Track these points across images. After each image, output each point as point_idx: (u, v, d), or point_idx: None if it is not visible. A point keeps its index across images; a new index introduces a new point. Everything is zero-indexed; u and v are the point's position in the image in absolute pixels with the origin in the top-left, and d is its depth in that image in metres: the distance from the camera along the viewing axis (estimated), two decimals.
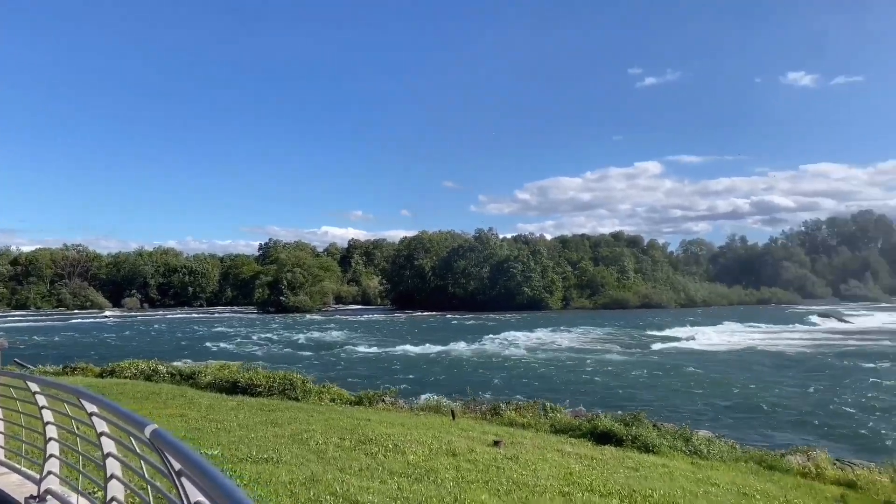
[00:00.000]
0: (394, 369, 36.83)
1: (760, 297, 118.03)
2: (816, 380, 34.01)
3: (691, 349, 48.52)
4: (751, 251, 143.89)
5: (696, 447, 12.53)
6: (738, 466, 11.69)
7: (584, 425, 13.79)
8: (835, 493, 10.20)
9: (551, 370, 37.15)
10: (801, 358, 43.04)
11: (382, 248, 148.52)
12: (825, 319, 76.26)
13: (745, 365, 39.57)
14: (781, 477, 11.12)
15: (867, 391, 29.93)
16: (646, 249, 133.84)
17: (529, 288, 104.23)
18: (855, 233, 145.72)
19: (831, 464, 11.86)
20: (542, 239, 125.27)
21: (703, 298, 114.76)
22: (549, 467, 9.62)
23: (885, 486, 10.37)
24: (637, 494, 8.34)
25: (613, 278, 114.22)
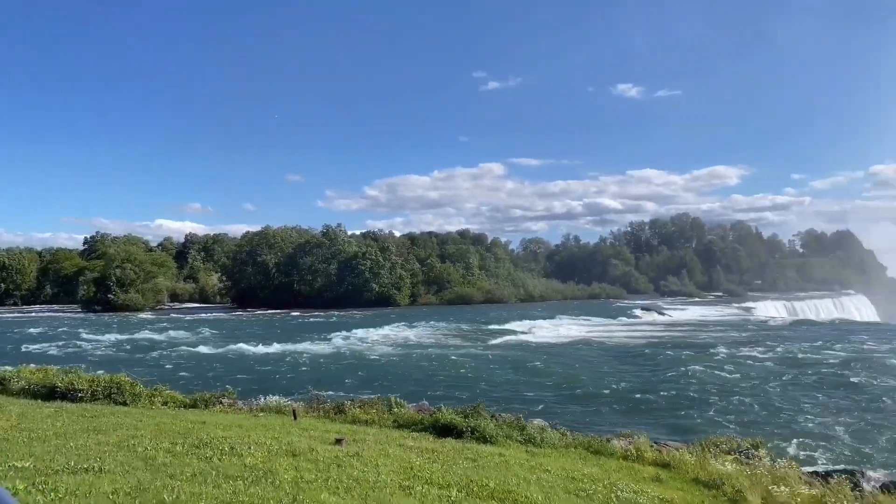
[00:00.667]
0: (233, 370, 35.45)
1: (591, 292, 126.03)
2: (639, 368, 36.92)
3: (529, 342, 50.87)
4: (583, 250, 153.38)
5: (530, 436, 13.12)
6: (569, 452, 12.41)
7: (426, 419, 14.02)
8: (651, 473, 11.11)
9: (398, 366, 37.46)
10: (626, 348, 46.50)
11: (223, 243, 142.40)
12: (647, 313, 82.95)
13: (577, 356, 42.10)
14: (606, 460, 11.94)
15: (682, 377, 32.86)
16: (489, 247, 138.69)
17: (378, 285, 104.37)
18: (673, 233, 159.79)
19: (650, 446, 12.89)
20: (390, 236, 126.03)
21: (540, 294, 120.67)
22: (390, 462, 9.67)
23: (692, 465, 11.44)
24: (474, 484, 8.60)
25: (459, 275, 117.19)
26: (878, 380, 31.42)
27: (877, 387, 29.87)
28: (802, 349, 43.22)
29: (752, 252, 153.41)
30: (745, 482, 10.39)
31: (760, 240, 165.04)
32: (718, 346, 44.84)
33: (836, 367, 35.48)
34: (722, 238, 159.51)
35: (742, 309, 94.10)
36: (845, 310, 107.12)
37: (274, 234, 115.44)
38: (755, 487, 10.30)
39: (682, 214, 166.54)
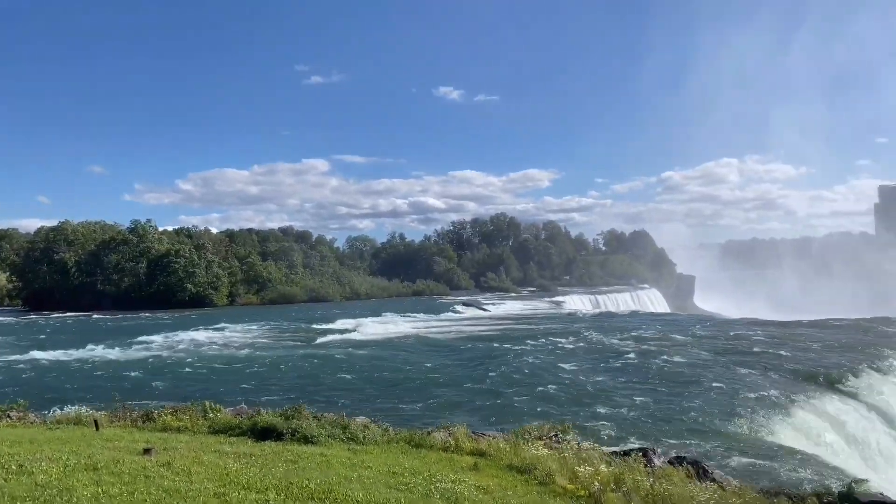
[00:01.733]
0: (24, 380, 31.94)
1: (416, 289, 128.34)
2: (461, 361, 38.19)
3: (355, 340, 50.76)
4: (409, 247, 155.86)
5: (353, 434, 13.08)
6: (391, 448, 12.52)
7: (244, 423, 13.51)
8: (469, 463, 11.52)
9: (215, 369, 35.75)
10: (449, 343, 47.90)
11: (12, 238, 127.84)
12: (468, 308, 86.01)
13: (402, 352, 42.68)
14: (427, 453, 12.20)
15: (500, 368, 34.42)
16: (314, 245, 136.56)
17: (193, 284, 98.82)
18: (492, 232, 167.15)
19: (468, 436, 13.35)
20: (207, 232, 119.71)
21: (366, 291, 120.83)
22: (204, 470, 9.20)
23: (507, 452, 12.01)
24: (294, 486, 8.43)
25: (282, 273, 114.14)
26: (670, 365, 34.96)
27: (669, 371, 33.23)
28: (605, 338, 47.01)
29: (562, 250, 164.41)
30: (554, 465, 11.07)
31: (569, 238, 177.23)
32: (532, 338, 47.50)
33: (634, 354, 38.97)
34: (535, 237, 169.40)
35: (553, 303, 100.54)
36: (641, 302, 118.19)
37: (74, 229, 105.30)
38: (563, 469, 11.01)
39: (500, 214, 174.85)
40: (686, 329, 52.35)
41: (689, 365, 34.76)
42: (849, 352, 37.59)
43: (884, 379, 32.22)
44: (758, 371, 32.68)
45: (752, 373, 32.25)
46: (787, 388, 28.93)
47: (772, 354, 37.51)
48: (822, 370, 32.34)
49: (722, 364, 34.87)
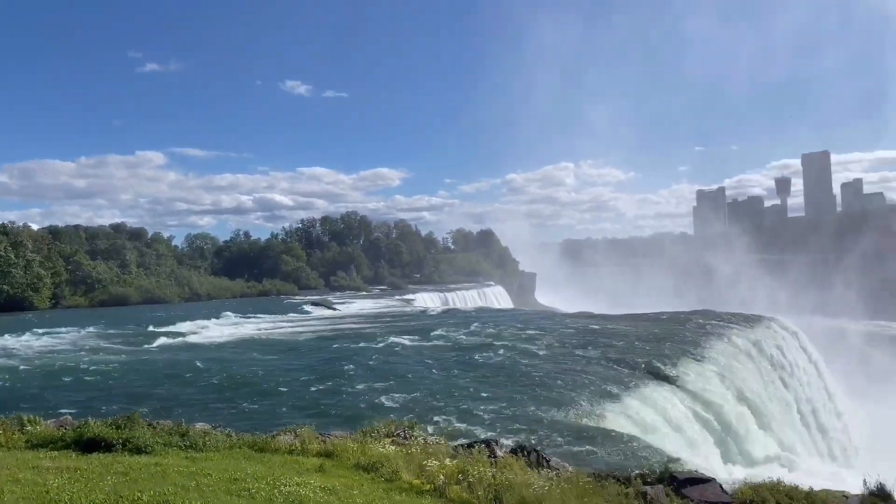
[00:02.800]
0: None
1: (262, 289, 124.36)
2: (309, 362, 37.53)
3: (196, 343, 48.35)
4: (254, 246, 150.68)
5: (192, 441, 12.47)
6: (233, 453, 12.08)
7: (68, 435, 12.44)
8: (315, 464, 11.37)
9: (36, 378, 32.65)
10: (297, 343, 46.90)
11: None
12: (317, 307, 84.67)
13: (248, 354, 41.25)
14: (271, 457, 11.90)
15: (350, 368, 34.23)
16: (150, 243, 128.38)
17: (9, 286, 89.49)
18: (343, 230, 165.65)
19: (315, 438, 13.17)
20: (25, 229, 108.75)
21: (207, 292, 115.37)
22: (20, 489, 8.39)
23: (354, 451, 11.98)
24: (124, 500, 7.90)
25: (113, 273, 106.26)
26: (511, 358, 36.44)
27: (511, 364, 34.64)
28: (453, 334, 48.13)
29: (413, 248, 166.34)
30: (401, 462, 11.21)
31: (419, 237, 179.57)
32: (382, 336, 47.63)
33: (479, 349, 40.21)
34: (387, 235, 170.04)
35: (403, 300, 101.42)
36: (487, 299, 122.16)
37: None
38: (410, 465, 11.17)
39: (351, 212, 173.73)
40: (527, 323, 54.79)
41: (529, 358, 36.43)
42: (670, 342, 41.03)
43: (700, 367, 35.52)
44: (590, 362, 34.92)
45: (586, 363, 34.40)
46: (617, 376, 31.16)
47: (603, 345, 40.16)
48: (647, 360, 35.09)
49: (559, 356, 36.89)
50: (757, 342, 44.14)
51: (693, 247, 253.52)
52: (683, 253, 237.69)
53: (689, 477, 11.88)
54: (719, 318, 51.32)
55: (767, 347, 44.35)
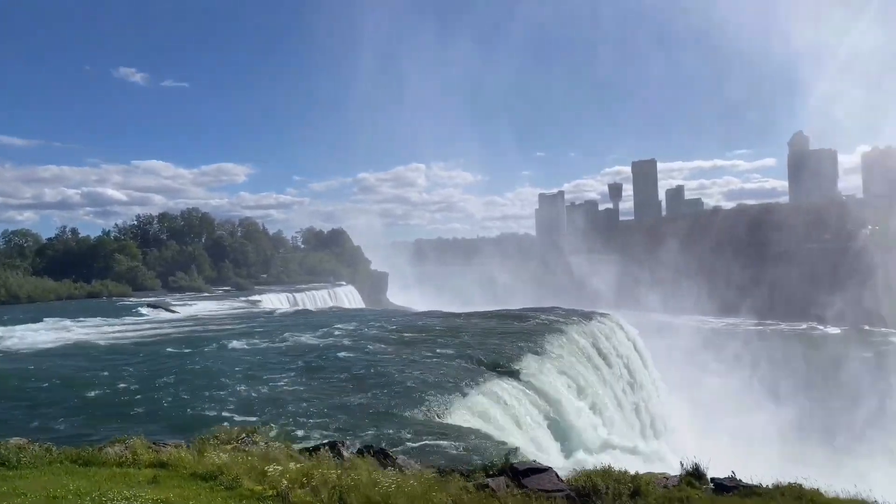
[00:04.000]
0: None
1: (92, 290, 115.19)
2: (144, 368, 35.22)
3: (12, 350, 43.87)
4: (83, 244, 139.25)
5: (4, 458, 11.31)
6: (53, 469, 11.08)
7: None
8: (148, 476, 10.68)
9: None
10: (131, 348, 43.87)
11: None
12: (154, 310, 79.70)
13: (73, 361, 38.04)
14: (98, 470, 11.03)
15: (188, 373, 32.55)
16: None
17: None
18: (183, 228, 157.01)
19: (147, 448, 12.37)
20: None
21: (28, 294, 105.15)
22: None
23: (190, 461, 11.39)
24: None
25: None
26: (362, 359, 36.27)
27: (360, 364, 34.47)
28: (301, 336, 47.13)
29: (260, 247, 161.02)
30: (242, 469, 10.80)
31: (267, 236, 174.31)
32: (225, 339, 45.72)
33: (328, 350, 39.71)
34: (231, 234, 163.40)
35: (249, 302, 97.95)
36: (338, 299, 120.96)
37: None
38: (251, 472, 10.79)
39: (192, 209, 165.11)
40: (377, 323, 54.85)
41: (378, 357, 36.48)
42: (514, 338, 42.68)
43: (541, 361, 37.26)
44: (439, 359, 35.58)
45: (435, 361, 35.02)
46: (465, 373, 31.97)
47: (452, 343, 41.05)
48: (493, 356, 36.30)
49: (408, 355, 37.25)
50: (592, 336, 47.05)
51: (536, 247, 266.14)
52: (527, 253, 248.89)
53: (529, 468, 12.38)
54: (559, 314, 54.13)
55: (602, 341, 47.40)
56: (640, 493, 11.88)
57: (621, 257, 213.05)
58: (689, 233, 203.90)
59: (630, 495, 11.82)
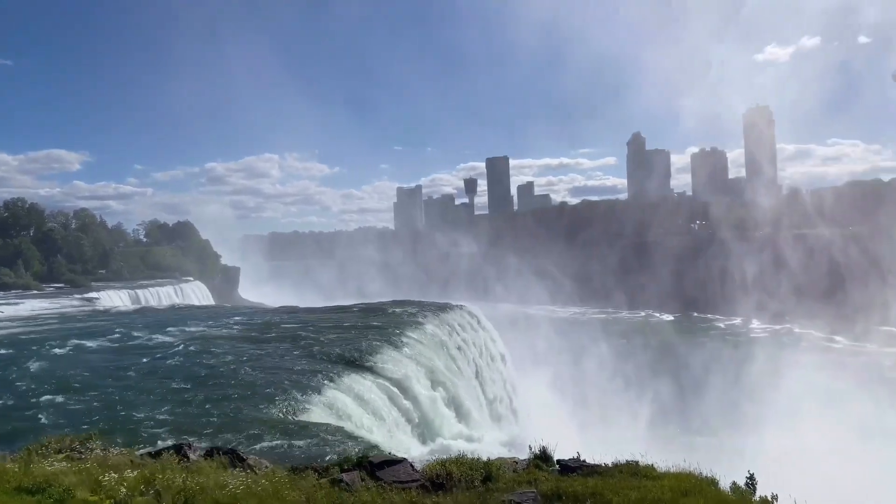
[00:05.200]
0: None
1: None
2: None
3: None
4: None
5: None
6: None
7: None
8: None
9: None
10: None
11: None
12: None
13: None
14: None
15: (13, 378, 29.71)
16: None
17: None
18: (7, 220, 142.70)
19: None
20: None
21: None
22: None
23: (15, 473, 10.40)
24: None
25: None
26: (209, 358, 34.68)
27: (208, 364, 32.98)
28: (143, 336, 44.38)
29: (97, 241, 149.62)
30: (74, 478, 10.02)
31: (105, 228, 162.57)
32: (56, 340, 42.10)
33: (172, 349, 37.65)
34: (64, 226, 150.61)
35: (85, 300, 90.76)
36: (185, 295, 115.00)
37: None
38: (85, 481, 10.04)
39: (17, 199, 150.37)
40: (228, 321, 52.81)
41: (228, 356, 35.05)
42: (372, 332, 42.64)
43: (398, 353, 37.49)
44: (294, 356, 34.82)
45: (290, 358, 34.23)
46: (320, 369, 31.49)
47: (307, 339, 40.29)
48: (350, 350, 36.02)
49: (261, 352, 36.16)
50: (448, 328, 48.02)
51: (394, 240, 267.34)
52: (386, 246, 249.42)
53: (384, 460, 12.44)
54: (417, 307, 54.74)
55: (457, 332, 48.51)
56: (491, 478, 12.28)
57: (477, 250, 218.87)
58: (540, 226, 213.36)
59: (482, 480, 12.19)
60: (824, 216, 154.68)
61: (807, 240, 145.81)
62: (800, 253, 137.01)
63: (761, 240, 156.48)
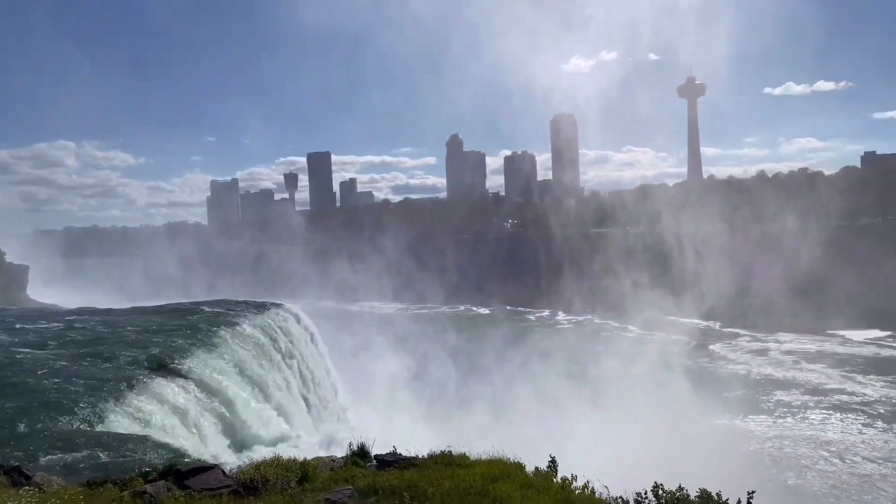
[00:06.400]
0: None
1: None
2: None
3: None
4: None
5: None
6: None
7: None
8: None
9: None
10: None
11: None
12: None
13: None
14: None
15: None
16: None
17: None
18: None
19: None
20: None
21: None
22: None
23: None
24: None
25: None
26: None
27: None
28: None
29: None
30: None
31: None
32: None
33: None
34: None
35: None
36: None
37: None
38: None
39: None
40: (13, 325, 47.32)
41: (13, 365, 31.38)
42: (181, 333, 40.11)
43: (210, 356, 35.69)
44: (91, 361, 31.93)
45: (86, 364, 31.35)
46: (122, 375, 29.18)
47: (108, 342, 37.10)
48: (156, 353, 33.68)
49: (51, 358, 32.76)
50: (265, 327, 46.53)
51: (208, 236, 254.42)
52: (199, 242, 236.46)
53: (193, 468, 11.85)
54: (232, 307, 52.44)
55: (275, 332, 47.15)
56: (308, 478, 12.16)
57: (298, 247, 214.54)
58: (363, 224, 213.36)
59: (298, 481, 12.04)
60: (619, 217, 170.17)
61: (604, 238, 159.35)
62: (598, 250, 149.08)
63: (567, 238, 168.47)
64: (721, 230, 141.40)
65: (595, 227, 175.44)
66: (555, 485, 11.97)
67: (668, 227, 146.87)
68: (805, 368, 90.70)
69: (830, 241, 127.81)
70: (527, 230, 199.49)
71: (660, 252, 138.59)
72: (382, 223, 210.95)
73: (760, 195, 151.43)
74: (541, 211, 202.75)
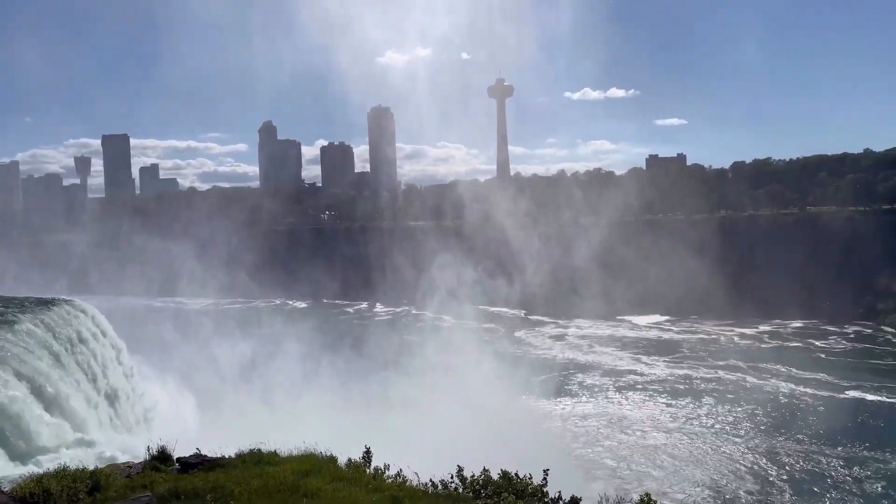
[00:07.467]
0: None
1: None
2: None
3: None
4: None
5: None
6: None
7: None
8: None
9: None
10: None
11: None
12: None
13: None
14: None
15: None
16: None
17: None
18: None
19: None
20: None
21: None
22: None
23: None
24: None
25: None
26: None
27: None
28: None
29: None
30: None
31: None
32: None
33: None
34: None
35: None
36: None
37: None
38: None
39: None
40: None
41: None
42: None
43: None
44: None
45: None
46: None
47: None
48: None
49: None
50: (52, 326, 42.12)
51: None
52: None
53: None
54: (10, 303, 46.95)
55: (63, 331, 42.85)
56: (100, 488, 11.18)
57: (91, 237, 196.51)
58: (166, 213, 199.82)
59: (89, 492, 11.03)
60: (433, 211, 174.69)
61: (421, 231, 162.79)
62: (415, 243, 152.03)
63: (384, 231, 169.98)
64: (526, 225, 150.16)
65: (412, 220, 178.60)
66: (367, 476, 12.02)
67: (479, 221, 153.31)
68: (600, 352, 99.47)
69: (621, 235, 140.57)
70: (344, 223, 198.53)
71: (472, 245, 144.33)
72: (189, 213, 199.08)
73: (562, 192, 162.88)
74: (358, 204, 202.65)
